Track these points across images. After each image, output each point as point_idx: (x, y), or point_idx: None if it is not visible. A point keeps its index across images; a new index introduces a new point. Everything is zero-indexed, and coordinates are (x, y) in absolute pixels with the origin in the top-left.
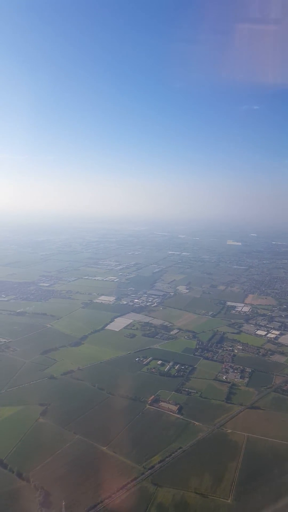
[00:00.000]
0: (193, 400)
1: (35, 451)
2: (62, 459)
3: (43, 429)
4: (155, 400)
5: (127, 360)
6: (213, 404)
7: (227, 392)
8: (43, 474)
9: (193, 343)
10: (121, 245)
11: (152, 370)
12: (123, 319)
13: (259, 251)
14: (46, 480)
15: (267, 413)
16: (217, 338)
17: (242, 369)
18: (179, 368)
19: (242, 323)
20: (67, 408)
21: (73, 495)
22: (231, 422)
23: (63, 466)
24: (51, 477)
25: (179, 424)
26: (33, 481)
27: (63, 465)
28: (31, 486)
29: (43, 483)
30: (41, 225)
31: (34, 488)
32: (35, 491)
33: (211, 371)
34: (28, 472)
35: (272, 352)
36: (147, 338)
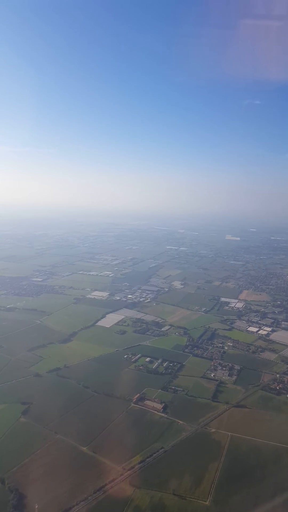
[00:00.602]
0: (179, 398)
1: (13, 452)
2: (40, 460)
3: (23, 429)
4: (140, 398)
5: (115, 357)
6: (199, 403)
7: (214, 390)
8: (18, 476)
9: (184, 339)
10: (119, 240)
11: (140, 368)
12: (115, 315)
13: (257, 246)
14: (21, 482)
15: (252, 412)
16: (208, 334)
17: (231, 366)
18: (167, 365)
19: (234, 319)
20: (50, 407)
21: (48, 497)
22: (216, 421)
23: (40, 467)
24: (26, 479)
25: (163, 423)
26: (8, 483)
27: (40, 466)
28: (5, 488)
29: (18, 485)
30: (40, 218)
31: (8, 490)
32: (10, 494)
33: (199, 369)
34: (4, 473)
35: (263, 349)
36: (138, 335)
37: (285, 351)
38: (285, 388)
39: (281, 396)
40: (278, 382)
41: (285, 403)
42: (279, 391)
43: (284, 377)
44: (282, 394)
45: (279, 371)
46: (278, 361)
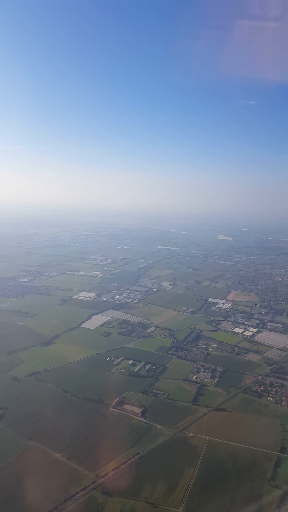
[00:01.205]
0: (159, 402)
1: None
2: (11, 468)
3: None
4: (120, 402)
5: (97, 360)
6: (179, 406)
7: (195, 393)
8: None
9: (168, 341)
10: (111, 239)
11: (122, 371)
12: (101, 317)
13: (249, 246)
14: None
15: (232, 415)
16: (194, 336)
17: (213, 368)
18: (149, 368)
19: (221, 320)
20: (26, 411)
21: (16, 507)
22: (195, 425)
23: (11, 476)
24: None
25: (141, 428)
26: None
27: (11, 475)
28: None
29: None
30: (33, 217)
31: None
32: None
33: (182, 371)
34: None
35: (246, 351)
36: (122, 337)
37: (269, 353)
38: (266, 390)
39: (261, 399)
40: (259, 385)
41: (265, 406)
42: (260, 394)
43: (266, 379)
44: (263, 397)
45: (262, 373)
46: (262, 362)
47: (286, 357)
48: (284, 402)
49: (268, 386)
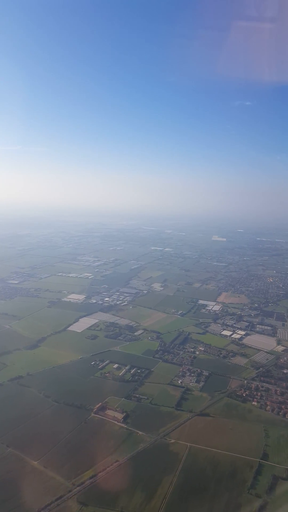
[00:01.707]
0: (142, 407)
1: None
2: None
3: None
4: (102, 408)
5: (82, 364)
6: (162, 412)
7: (179, 398)
8: None
9: (156, 344)
10: (105, 240)
11: (106, 375)
12: (89, 319)
13: (242, 247)
14: None
15: (215, 421)
16: (181, 339)
17: (199, 372)
18: (135, 372)
19: (209, 322)
20: (5, 417)
21: None
22: (177, 431)
23: None
24: None
25: (122, 434)
26: None
27: None
28: None
29: None
30: (28, 218)
31: None
32: None
33: (167, 375)
34: None
35: (234, 354)
36: (109, 340)
37: (256, 356)
38: (251, 395)
39: (246, 404)
40: (245, 389)
41: (250, 411)
42: (245, 399)
43: (251, 383)
44: (248, 402)
45: (248, 377)
46: (248, 366)
47: (273, 361)
48: (268, 407)
49: (254, 390)
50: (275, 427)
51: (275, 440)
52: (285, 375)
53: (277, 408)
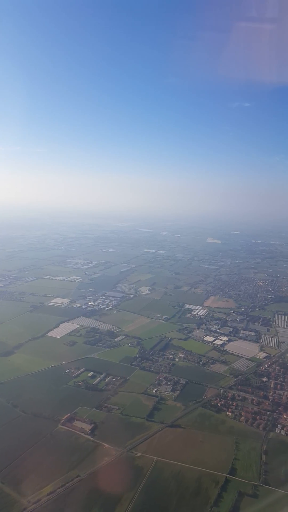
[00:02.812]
0: (112, 418)
1: None
2: None
3: None
4: (70, 418)
5: (56, 372)
6: (132, 423)
7: (152, 408)
8: None
9: (135, 351)
10: (98, 242)
11: (80, 384)
12: (70, 324)
13: (236, 250)
14: None
15: (186, 433)
16: (162, 345)
17: (176, 380)
18: (109, 380)
19: (193, 328)
20: None
21: None
22: (144, 444)
23: None
24: None
25: (87, 447)
26: None
27: None
28: None
29: None
30: (23, 219)
31: None
32: None
33: (143, 383)
34: None
35: (214, 361)
36: (88, 346)
37: (236, 363)
38: (226, 404)
39: (220, 414)
40: (220, 398)
41: (223, 422)
42: (219, 408)
43: (228, 392)
44: (222, 412)
45: (225, 385)
46: (227, 374)
47: (253, 368)
48: (242, 418)
49: (229, 400)
50: (246, 440)
51: (245, 454)
52: (263, 383)
53: (251, 418)
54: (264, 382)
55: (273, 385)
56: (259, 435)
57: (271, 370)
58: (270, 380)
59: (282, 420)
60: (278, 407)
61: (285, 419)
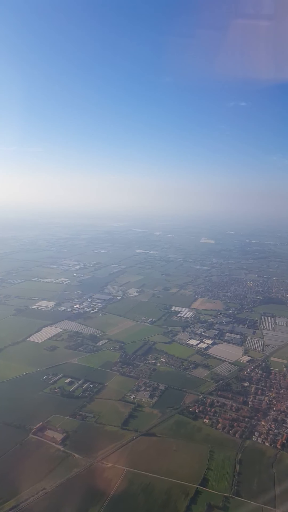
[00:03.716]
0: (86, 426)
1: None
2: None
3: None
4: (42, 428)
5: (33, 378)
6: (106, 431)
7: (127, 416)
8: None
9: (116, 355)
10: (91, 243)
11: (56, 391)
12: (52, 328)
13: (229, 250)
14: None
15: (160, 441)
16: (145, 349)
17: (155, 386)
18: (87, 387)
19: (178, 331)
20: None
21: None
22: (116, 454)
23: None
24: None
25: (57, 457)
26: None
27: None
28: None
29: None
30: (17, 219)
31: None
32: None
33: (121, 390)
34: None
35: (196, 365)
36: (69, 351)
37: (219, 367)
38: (204, 411)
39: (197, 421)
40: (199, 404)
41: (199, 429)
42: (197, 415)
43: (207, 398)
44: (199, 419)
45: (205, 390)
46: (208, 379)
47: (235, 372)
48: (219, 425)
49: (208, 406)
50: (222, 448)
51: (219, 463)
52: (244, 388)
53: (228, 426)
54: (245, 387)
55: (253, 390)
56: (235, 443)
57: (253, 374)
58: (251, 385)
59: (260, 427)
60: (257, 413)
61: (263, 426)
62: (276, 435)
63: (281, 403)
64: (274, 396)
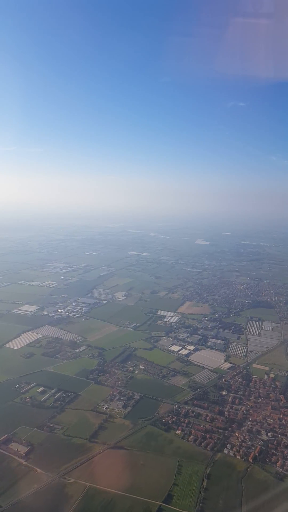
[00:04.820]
0: (53, 438)
1: None
2: None
3: None
4: (6, 440)
5: (5, 387)
6: (73, 444)
7: (97, 428)
8: None
9: (94, 363)
10: (83, 244)
11: (26, 400)
12: (32, 334)
13: (223, 252)
14: None
15: (128, 455)
16: (125, 355)
17: (130, 395)
18: (59, 396)
19: (161, 336)
20: None
21: None
22: (80, 468)
23: None
24: None
25: (18, 472)
26: None
27: None
28: None
29: None
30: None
31: None
32: None
33: (94, 399)
34: None
35: (175, 373)
36: (46, 358)
37: (198, 375)
38: (177, 422)
39: (169, 433)
40: (173, 415)
41: (170, 441)
42: (169, 427)
43: (182, 408)
44: (172, 430)
45: (182, 400)
46: (186, 387)
47: (214, 380)
48: (191, 437)
49: (182, 416)
50: (191, 462)
51: (186, 479)
52: (222, 397)
53: (200, 437)
54: (223, 396)
55: (231, 399)
56: (206, 456)
57: (232, 382)
58: (229, 394)
59: (233, 438)
60: (231, 424)
61: (237, 438)
62: (249, 447)
63: (258, 413)
64: (251, 406)
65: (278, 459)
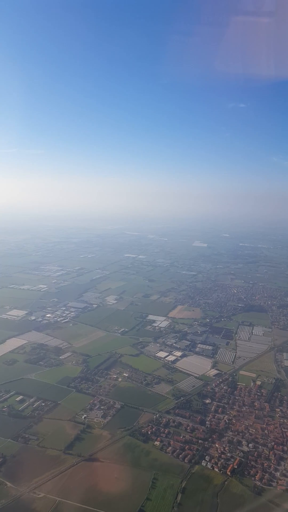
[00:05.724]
0: (26, 450)
1: None
2: None
3: None
4: None
5: None
6: (47, 456)
7: (73, 438)
8: None
9: (77, 370)
10: (80, 247)
11: (4, 409)
12: (17, 340)
13: (220, 254)
14: None
15: (102, 467)
16: (110, 362)
17: (111, 404)
18: (38, 405)
19: (149, 342)
20: None
21: None
22: (51, 482)
23: None
24: None
25: None
26: None
27: None
28: None
29: None
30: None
31: None
32: None
33: (74, 408)
34: None
35: (159, 381)
36: (28, 365)
37: (183, 382)
38: (157, 432)
39: (147, 444)
40: (153, 424)
41: (147, 453)
42: (148, 437)
43: (163, 418)
44: (150, 441)
45: (163, 409)
46: (169, 395)
47: (199, 388)
48: (170, 448)
49: (162, 426)
50: (166, 475)
51: (160, 493)
52: (205, 406)
53: (179, 449)
54: (206, 405)
55: (214, 408)
56: (183, 468)
57: (217, 390)
58: (213, 402)
59: (213, 450)
60: (212, 434)
61: (216, 449)
62: (228, 459)
63: (241, 423)
64: (234, 415)
65: (257, 471)
